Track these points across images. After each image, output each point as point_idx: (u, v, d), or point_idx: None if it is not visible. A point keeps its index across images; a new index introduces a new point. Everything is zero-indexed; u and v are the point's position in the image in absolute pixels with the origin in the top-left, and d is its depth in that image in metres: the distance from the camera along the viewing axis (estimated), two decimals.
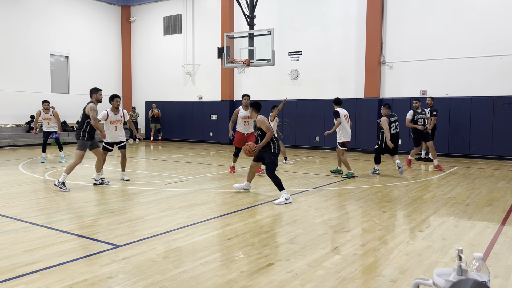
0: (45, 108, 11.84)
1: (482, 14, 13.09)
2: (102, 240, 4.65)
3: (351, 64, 15.46)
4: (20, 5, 17.84)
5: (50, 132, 11.94)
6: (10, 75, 17.62)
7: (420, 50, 14.19)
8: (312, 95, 16.20)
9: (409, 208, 6.36)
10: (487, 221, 5.62)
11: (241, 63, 13.17)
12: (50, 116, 11.91)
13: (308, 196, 7.24)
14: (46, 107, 11.86)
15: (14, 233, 4.93)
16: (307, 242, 4.64)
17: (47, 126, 11.89)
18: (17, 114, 17.96)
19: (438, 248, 4.46)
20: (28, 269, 3.79)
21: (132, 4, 21.59)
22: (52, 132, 11.95)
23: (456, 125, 13.59)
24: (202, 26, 19.32)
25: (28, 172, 9.95)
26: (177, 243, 4.59)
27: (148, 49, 21.31)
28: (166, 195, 7.30)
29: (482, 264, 1.90)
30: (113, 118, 8.81)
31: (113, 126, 8.80)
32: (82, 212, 6.07)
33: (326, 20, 15.86)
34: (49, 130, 11.91)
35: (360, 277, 3.70)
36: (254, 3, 14.05)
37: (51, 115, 11.91)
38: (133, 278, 3.61)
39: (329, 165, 11.43)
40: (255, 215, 5.90)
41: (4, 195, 7.18)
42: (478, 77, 13.26)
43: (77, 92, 20.01)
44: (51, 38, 19.00)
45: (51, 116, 11.92)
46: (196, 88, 19.62)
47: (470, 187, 8.23)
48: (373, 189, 7.91)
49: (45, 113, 11.75)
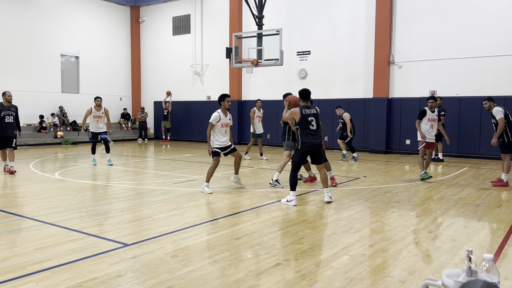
0: (97, 105, 10.75)
1: (493, 13, 12.95)
2: (112, 239, 4.68)
3: (360, 64, 15.40)
4: (30, 5, 18.03)
5: (99, 133, 10.73)
6: (21, 75, 17.81)
7: (429, 50, 14.08)
8: (320, 95, 16.16)
9: (418, 209, 6.32)
10: (497, 222, 5.57)
11: (250, 63, 13.18)
12: (102, 113, 10.86)
13: (317, 196, 7.23)
14: (99, 103, 10.76)
15: (25, 232, 4.99)
16: (315, 242, 4.64)
17: (95, 126, 10.67)
18: (28, 114, 18.14)
19: (447, 249, 4.43)
20: (39, 267, 3.83)
21: (141, 5, 21.71)
22: (101, 133, 10.74)
23: (466, 125, 13.47)
24: (210, 26, 19.37)
25: (38, 171, 10.05)
26: (186, 242, 4.61)
27: (157, 49, 21.41)
28: (175, 194, 7.33)
29: (492, 265, 1.88)
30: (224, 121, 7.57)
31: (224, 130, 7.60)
32: (92, 211, 6.13)
33: (335, 20, 15.81)
34: (97, 131, 10.66)
35: (369, 277, 3.68)
36: (263, 3, 14.05)
37: (103, 112, 10.86)
38: (142, 276, 3.63)
39: (338, 165, 11.39)
40: (263, 214, 5.90)
41: (15, 194, 7.26)
42: (489, 77, 13.13)
43: (87, 92, 20.16)
44: (61, 38, 19.17)
45: (103, 114, 10.87)
46: (204, 88, 19.67)
47: (480, 187, 8.15)
48: (382, 190, 7.87)
49: (97, 110, 10.48)
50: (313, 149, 6.60)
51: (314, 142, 6.56)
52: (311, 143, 6.55)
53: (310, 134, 6.54)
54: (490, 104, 8.29)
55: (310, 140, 6.54)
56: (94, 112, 10.70)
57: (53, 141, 17.91)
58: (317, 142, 6.60)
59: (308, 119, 6.54)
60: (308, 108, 6.63)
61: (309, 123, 6.53)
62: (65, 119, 19.04)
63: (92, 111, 10.69)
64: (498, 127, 8.10)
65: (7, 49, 17.36)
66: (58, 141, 17.97)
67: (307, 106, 6.67)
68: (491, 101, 8.31)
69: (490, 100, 8.32)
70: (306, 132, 6.55)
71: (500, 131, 8.09)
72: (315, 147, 6.59)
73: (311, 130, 6.56)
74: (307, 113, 6.56)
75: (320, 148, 6.66)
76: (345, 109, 15.78)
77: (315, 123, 6.58)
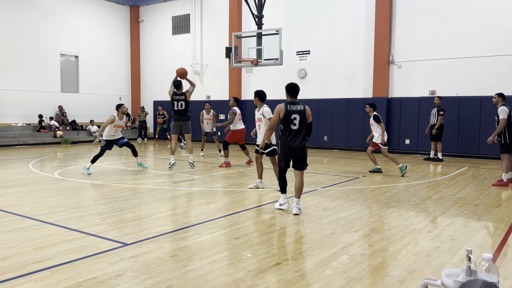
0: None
1: (492, 13, 12.96)
2: (111, 238, 4.68)
3: (359, 64, 15.40)
4: (30, 5, 18.02)
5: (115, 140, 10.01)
6: (20, 74, 17.81)
7: (429, 50, 14.09)
8: (320, 95, 16.16)
9: (418, 209, 6.33)
10: (496, 222, 5.57)
11: (249, 63, 13.18)
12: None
13: (316, 195, 7.23)
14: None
15: (24, 231, 4.98)
16: (314, 241, 4.64)
17: (112, 135, 9.94)
18: (27, 113, 18.15)
19: (446, 249, 4.43)
20: (38, 266, 3.83)
21: (141, 4, 21.70)
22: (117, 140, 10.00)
23: (465, 125, 13.48)
24: (210, 25, 19.36)
25: (38, 170, 10.05)
26: (185, 242, 4.61)
27: (157, 48, 21.40)
28: (174, 194, 7.33)
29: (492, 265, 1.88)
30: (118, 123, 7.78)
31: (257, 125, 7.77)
32: (91, 211, 6.12)
33: (334, 20, 15.81)
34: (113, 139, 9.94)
35: (368, 277, 3.68)
36: (262, 2, 14.04)
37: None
38: (141, 276, 3.63)
39: (337, 164, 11.39)
40: (263, 214, 5.90)
41: (14, 193, 7.26)
42: (488, 77, 13.14)
43: (87, 91, 20.18)
44: (61, 37, 19.17)
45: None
46: (204, 87, 19.67)
47: (479, 187, 8.15)
48: (381, 189, 7.88)
49: (120, 119, 9.93)
50: (291, 153, 5.89)
51: (292, 145, 5.82)
52: (289, 145, 5.84)
53: (289, 135, 5.84)
54: (498, 100, 8.40)
55: (288, 143, 5.84)
56: (117, 121, 9.80)
57: (53, 141, 17.90)
58: (296, 145, 5.82)
59: (291, 116, 5.80)
60: (294, 104, 5.90)
61: (291, 121, 5.80)
62: (64, 119, 19.04)
63: (116, 120, 9.75)
64: (498, 127, 8.16)
65: (6, 49, 17.35)
66: (57, 140, 17.96)
67: (293, 102, 5.94)
68: (500, 97, 8.41)
69: (500, 96, 8.43)
70: (286, 133, 5.87)
71: (498, 131, 8.16)
72: (293, 151, 5.86)
73: (292, 130, 5.84)
74: (292, 109, 5.83)
75: (300, 152, 5.87)
76: (344, 108, 15.82)
77: (298, 122, 5.81)
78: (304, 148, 5.90)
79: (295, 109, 5.84)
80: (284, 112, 5.83)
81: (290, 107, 5.86)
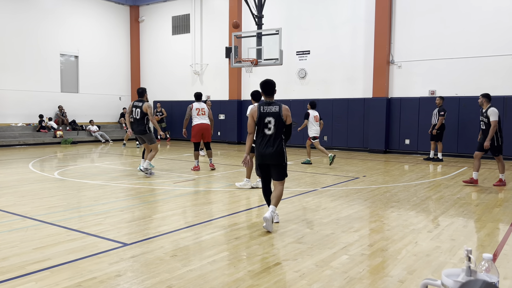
0: None
1: (492, 13, 12.96)
2: (111, 239, 4.68)
3: (359, 64, 15.40)
4: (30, 5, 18.01)
5: None
6: (20, 74, 17.80)
7: (429, 50, 14.08)
8: (320, 95, 16.16)
9: (418, 208, 6.33)
10: (496, 222, 5.57)
11: (249, 63, 13.18)
12: None
13: (316, 195, 7.23)
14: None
15: (24, 231, 4.98)
16: (314, 241, 4.64)
17: None
18: (27, 113, 18.14)
19: (446, 249, 4.43)
20: (38, 266, 3.83)
21: (140, 4, 21.69)
22: None
23: (465, 125, 13.48)
24: (210, 25, 19.36)
25: (38, 170, 10.05)
26: (185, 241, 4.61)
27: (157, 48, 21.40)
28: (174, 194, 7.33)
29: (492, 265, 1.88)
30: None
31: None
32: (91, 211, 6.12)
33: (334, 20, 15.81)
34: None
35: (368, 277, 3.68)
36: (262, 2, 14.04)
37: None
38: (141, 276, 3.63)
39: (337, 164, 11.40)
40: (263, 214, 5.90)
41: (14, 193, 7.26)
42: (488, 77, 13.13)
43: (86, 91, 20.18)
44: (61, 37, 19.16)
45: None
46: (204, 87, 19.66)
47: (479, 187, 8.15)
48: (381, 189, 7.88)
49: None
50: (266, 161, 5.12)
51: (266, 152, 5.07)
52: (263, 153, 5.09)
53: (262, 140, 5.10)
54: (483, 101, 8.11)
55: (262, 150, 5.10)
56: None
57: (53, 141, 17.90)
58: (270, 152, 5.05)
59: (265, 120, 5.06)
60: (269, 104, 5.11)
61: (265, 125, 5.07)
62: (64, 119, 19.03)
63: None
64: (491, 129, 7.95)
65: (6, 49, 17.34)
66: (57, 140, 17.96)
67: (267, 102, 5.15)
68: (485, 98, 8.11)
69: (485, 97, 8.12)
70: (259, 139, 5.15)
71: (492, 134, 7.95)
72: (268, 159, 5.09)
73: (265, 134, 5.09)
74: (266, 111, 5.07)
75: (275, 159, 5.08)
76: (344, 108, 15.83)
77: (273, 125, 5.05)
78: (281, 155, 5.10)
79: (269, 111, 5.06)
80: (257, 114, 5.11)
81: (264, 109, 5.09)
